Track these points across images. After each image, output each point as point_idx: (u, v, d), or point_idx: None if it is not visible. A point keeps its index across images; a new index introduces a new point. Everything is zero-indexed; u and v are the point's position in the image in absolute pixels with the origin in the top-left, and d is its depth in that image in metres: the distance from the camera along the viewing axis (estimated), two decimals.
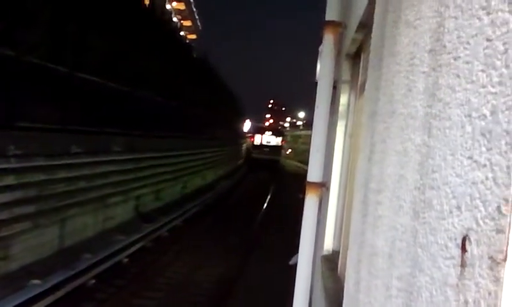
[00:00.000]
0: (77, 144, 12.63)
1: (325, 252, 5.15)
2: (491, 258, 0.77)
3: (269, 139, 53.79)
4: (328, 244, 5.15)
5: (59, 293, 9.44)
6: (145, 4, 23.65)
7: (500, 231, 0.75)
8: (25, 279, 9.43)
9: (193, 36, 68.80)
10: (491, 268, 0.77)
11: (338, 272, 4.20)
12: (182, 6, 65.05)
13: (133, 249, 13.51)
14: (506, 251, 0.73)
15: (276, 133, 56.12)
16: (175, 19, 53.87)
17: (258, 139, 54.38)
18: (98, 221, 14.49)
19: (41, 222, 11.11)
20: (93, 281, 10.81)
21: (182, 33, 46.37)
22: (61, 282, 9.69)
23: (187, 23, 68.20)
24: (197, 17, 75.01)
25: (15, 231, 10.09)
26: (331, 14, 4.45)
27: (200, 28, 78.73)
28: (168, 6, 54.00)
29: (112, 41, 15.48)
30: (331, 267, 4.55)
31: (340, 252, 4.41)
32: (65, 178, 12.12)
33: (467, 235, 0.88)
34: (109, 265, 11.76)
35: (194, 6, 71.83)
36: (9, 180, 9.88)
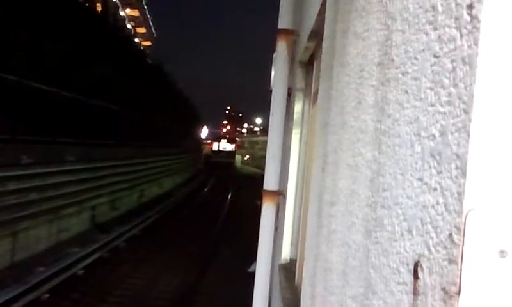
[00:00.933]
0: (29, 155, 12.26)
1: (283, 261, 5.12)
2: (443, 289, 0.72)
3: (224, 145, 66.75)
4: (286, 252, 5.11)
5: None
6: (98, 11, 23.26)
7: (452, 261, 0.71)
8: None
9: (148, 43, 68.08)
10: (444, 301, 0.72)
11: (296, 281, 4.16)
12: (135, 13, 64.26)
13: (89, 260, 13.19)
14: (459, 283, 0.69)
15: (230, 140, 69.96)
16: (128, 26, 53.21)
17: (216, 146, 66.81)
18: (52, 233, 14.09)
19: None
20: (47, 295, 10.48)
21: (136, 40, 45.84)
22: (13, 297, 9.38)
23: (141, 30, 67.43)
24: (151, 24, 74.31)
25: None
26: (284, 22, 4.44)
27: (155, 35, 78.03)
28: (121, 13, 53.30)
29: (64, 48, 15.14)
30: (288, 276, 4.51)
31: (297, 261, 4.38)
32: (16, 189, 11.74)
33: (419, 262, 0.83)
34: (63, 278, 11.43)
35: (149, 13, 71.14)
36: None
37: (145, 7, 68.15)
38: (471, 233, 0.68)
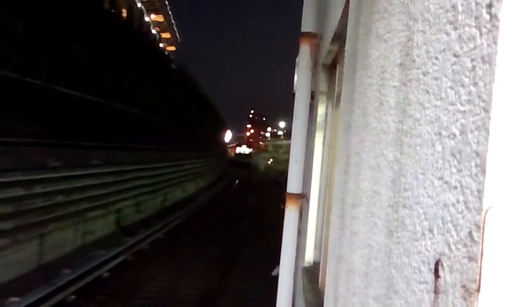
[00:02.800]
0: (55, 158, 12.46)
1: (306, 264, 5.10)
2: (464, 287, 0.73)
3: (244, 149, 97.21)
4: (309, 256, 5.10)
5: None
6: (123, 17, 23.53)
7: (472, 259, 0.71)
8: (4, 297, 9.25)
9: (172, 48, 68.55)
10: (464, 299, 0.72)
11: (319, 285, 4.15)
12: (160, 18, 64.78)
13: (114, 263, 13.34)
14: (479, 280, 0.69)
15: (249, 145, 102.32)
16: (153, 31, 53.64)
17: (238, 150, 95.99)
18: (78, 236, 14.30)
19: (19, 238, 10.91)
20: (73, 297, 10.63)
21: (161, 45, 46.21)
22: (40, 299, 9.53)
23: (166, 35, 67.89)
24: (176, 29, 74.84)
25: None
26: (307, 25, 4.44)
27: (179, 40, 78.58)
28: (146, 18, 53.77)
29: (89, 53, 15.36)
30: (312, 279, 4.50)
31: (321, 264, 4.37)
32: (43, 192, 11.94)
33: (440, 260, 0.84)
34: (89, 280, 11.58)
35: (173, 18, 71.64)
36: None
37: (170, 12, 68.67)
38: (490, 231, 0.69)
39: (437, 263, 0.85)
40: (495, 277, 0.68)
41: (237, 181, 50.20)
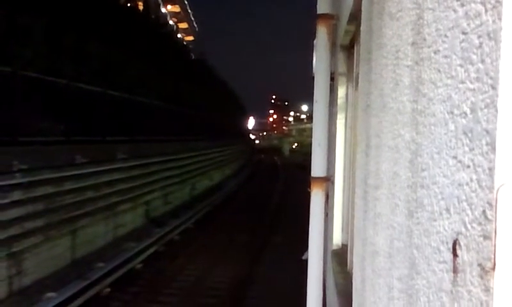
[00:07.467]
0: (82, 155, 12.63)
1: (335, 247, 5.11)
2: (480, 265, 0.73)
3: (253, 136, 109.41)
4: (337, 238, 5.10)
5: (75, 304, 9.47)
6: (139, 10, 23.64)
7: (487, 237, 0.71)
8: (40, 293, 9.47)
9: (190, 38, 68.61)
10: (481, 277, 0.72)
11: (348, 267, 4.16)
12: (177, 9, 64.81)
13: (146, 254, 13.52)
14: (494, 258, 0.69)
15: (253, 134, 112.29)
16: (170, 22, 53.70)
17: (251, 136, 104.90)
18: (109, 230, 14.51)
19: (52, 235, 11.13)
20: (108, 290, 10.82)
21: (179, 35, 46.28)
22: (76, 293, 9.71)
23: (183, 25, 67.90)
24: (193, 19, 74.82)
25: (26, 246, 10.11)
26: (322, 7, 4.39)
27: (197, 29, 78.61)
28: (162, 10, 53.85)
29: (108, 49, 15.48)
30: (340, 261, 4.51)
31: (348, 246, 4.37)
32: (72, 189, 12.12)
33: (457, 239, 0.84)
34: (122, 273, 11.76)
35: (190, 8, 71.61)
36: (17, 196, 9.90)
37: (186, 2, 68.61)
38: (503, 208, 0.68)
39: (455, 243, 0.85)
40: (510, 255, 0.68)
41: (262, 158, 63.50)
